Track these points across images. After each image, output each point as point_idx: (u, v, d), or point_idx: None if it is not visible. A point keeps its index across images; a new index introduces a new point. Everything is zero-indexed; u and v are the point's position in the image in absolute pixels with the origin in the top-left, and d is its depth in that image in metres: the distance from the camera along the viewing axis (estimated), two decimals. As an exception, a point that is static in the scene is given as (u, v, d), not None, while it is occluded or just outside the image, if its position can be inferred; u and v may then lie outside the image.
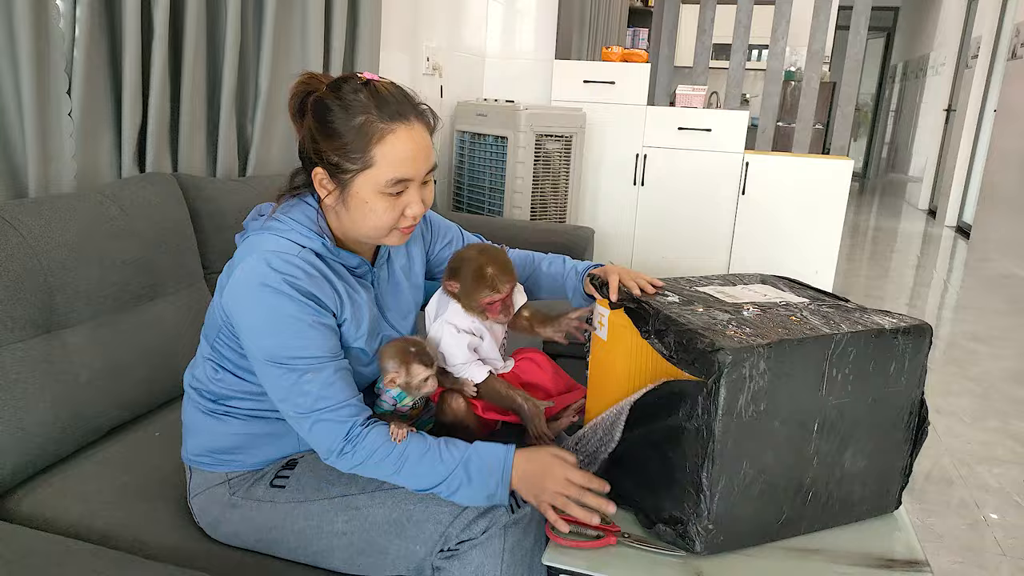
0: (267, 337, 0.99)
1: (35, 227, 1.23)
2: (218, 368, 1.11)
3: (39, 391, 1.19)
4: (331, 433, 0.99)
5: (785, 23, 3.75)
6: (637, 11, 6.10)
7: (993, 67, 6.52)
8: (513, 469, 1.01)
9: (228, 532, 1.11)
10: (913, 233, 6.74)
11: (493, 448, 1.03)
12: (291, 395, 0.99)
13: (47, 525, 1.10)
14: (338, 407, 1.00)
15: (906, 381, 1.05)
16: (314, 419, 0.99)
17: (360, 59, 2.33)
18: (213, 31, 1.80)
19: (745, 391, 0.93)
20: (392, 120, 1.00)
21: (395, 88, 1.03)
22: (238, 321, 1.01)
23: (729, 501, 0.97)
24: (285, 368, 0.98)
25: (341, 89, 1.01)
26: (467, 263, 1.17)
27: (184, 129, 1.73)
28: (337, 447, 0.99)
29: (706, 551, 0.98)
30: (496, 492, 1.01)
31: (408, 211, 1.04)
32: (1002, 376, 3.16)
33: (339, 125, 1.00)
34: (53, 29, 1.38)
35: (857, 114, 10.56)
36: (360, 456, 0.99)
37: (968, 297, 4.56)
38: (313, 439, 1.01)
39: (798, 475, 1.01)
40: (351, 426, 0.99)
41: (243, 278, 0.99)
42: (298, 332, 0.98)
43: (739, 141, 3.50)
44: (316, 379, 0.99)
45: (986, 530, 2.00)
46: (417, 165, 1.03)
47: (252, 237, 1.05)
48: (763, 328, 0.99)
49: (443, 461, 1.01)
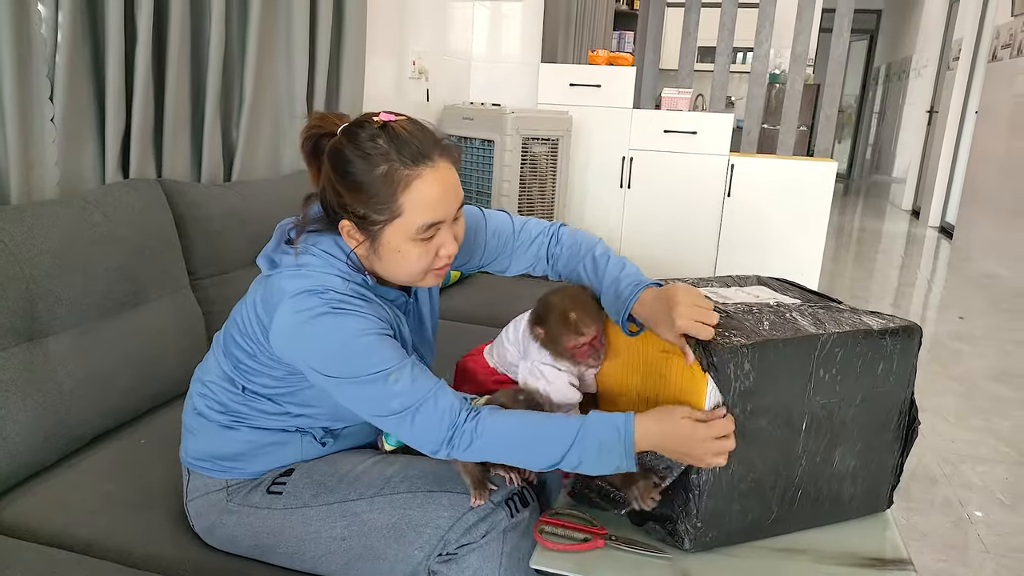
0: (341, 362, 0.95)
1: (17, 234, 1.22)
2: (241, 388, 1.09)
3: (21, 400, 1.18)
4: (436, 422, 0.95)
5: (769, 26, 3.77)
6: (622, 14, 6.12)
7: (974, 69, 6.59)
8: (639, 438, 0.95)
9: (224, 537, 1.11)
10: (897, 234, 6.80)
11: (609, 419, 0.97)
12: (383, 402, 0.95)
13: (30, 535, 1.09)
14: (433, 396, 0.96)
15: (895, 381, 1.06)
16: (413, 414, 0.95)
17: (346, 63, 2.33)
18: (197, 36, 1.79)
19: (731, 391, 0.94)
20: (416, 164, 0.96)
21: (414, 126, 0.99)
22: (303, 358, 0.97)
23: (717, 499, 0.98)
24: (368, 382, 0.95)
25: (358, 136, 0.97)
26: (551, 309, 1.14)
27: (168, 134, 1.72)
28: (446, 435, 0.95)
29: (695, 549, 0.99)
30: (622, 464, 0.96)
31: (442, 251, 1.01)
32: (985, 375, 3.20)
33: (361, 177, 0.95)
34: (35, 34, 1.37)
35: (841, 116, 10.65)
36: (467, 440, 0.95)
37: (951, 297, 4.60)
38: (418, 435, 0.96)
39: (786, 474, 1.02)
40: (453, 413, 0.96)
41: (296, 316, 0.95)
42: (368, 346, 0.95)
43: (724, 143, 3.52)
44: (401, 379, 0.95)
45: (970, 528, 2.02)
46: (447, 206, 0.99)
47: (290, 275, 0.99)
48: (750, 329, 0.99)
49: (559, 438, 0.95)
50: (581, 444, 0.95)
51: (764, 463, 0.99)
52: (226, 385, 1.10)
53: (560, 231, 1.25)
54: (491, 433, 0.96)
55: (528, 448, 0.98)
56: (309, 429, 1.13)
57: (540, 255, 1.25)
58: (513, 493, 1.06)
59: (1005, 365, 3.33)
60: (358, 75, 2.39)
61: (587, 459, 0.95)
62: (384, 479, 1.08)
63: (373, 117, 0.99)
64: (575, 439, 0.95)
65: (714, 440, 0.94)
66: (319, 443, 1.14)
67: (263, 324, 1.01)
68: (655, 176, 3.62)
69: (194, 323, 1.59)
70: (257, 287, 1.07)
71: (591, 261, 1.18)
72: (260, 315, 1.02)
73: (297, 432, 1.12)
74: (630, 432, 0.95)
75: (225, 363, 1.11)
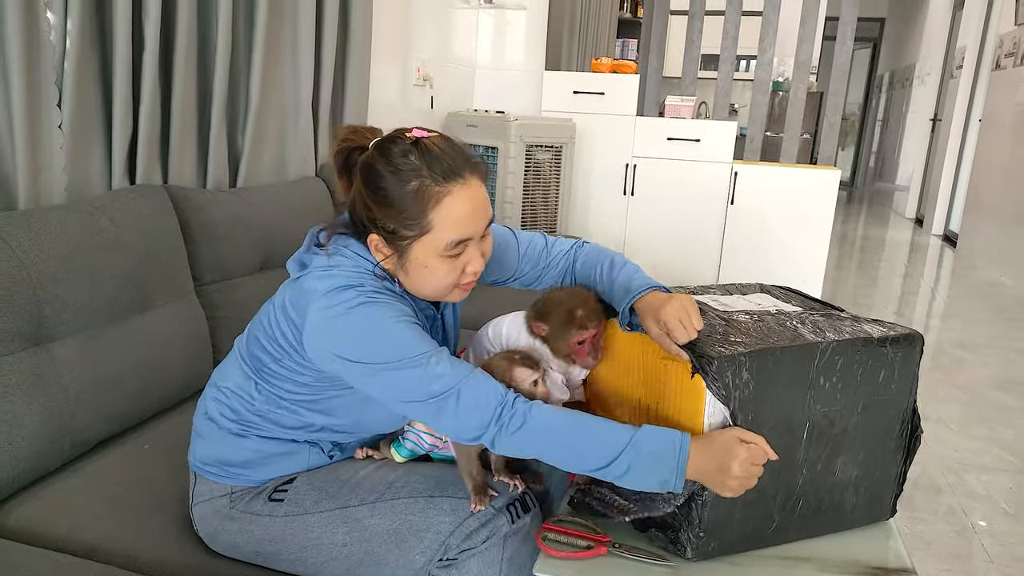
0: (378, 349, 0.94)
1: (25, 239, 1.22)
2: (263, 393, 1.09)
3: (28, 404, 1.18)
4: (483, 401, 0.93)
5: (772, 34, 3.78)
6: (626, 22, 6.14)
7: (978, 77, 6.60)
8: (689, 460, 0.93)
9: (227, 543, 1.11)
10: (900, 242, 6.79)
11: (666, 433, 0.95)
12: (423, 384, 0.93)
13: (36, 539, 1.09)
14: (478, 377, 0.95)
15: (897, 389, 1.06)
16: (457, 394, 0.93)
17: (351, 70, 2.34)
18: (204, 43, 1.80)
19: (731, 400, 0.94)
20: (447, 181, 0.96)
21: (445, 143, 0.99)
22: (337, 352, 0.96)
23: (720, 509, 0.98)
24: (408, 367, 0.93)
25: (390, 152, 0.97)
26: (556, 305, 1.15)
27: (175, 141, 1.73)
28: (494, 412, 0.93)
29: (697, 557, 0.99)
30: (670, 480, 0.93)
31: (469, 268, 1.02)
32: (988, 383, 3.19)
33: (392, 192, 0.96)
34: (44, 42, 1.38)
35: (844, 124, 10.65)
36: (517, 421, 0.92)
37: (955, 305, 4.60)
38: (462, 417, 0.93)
39: (788, 482, 1.02)
40: (501, 389, 0.94)
41: (328, 312, 0.95)
42: (406, 331, 0.95)
43: (728, 151, 3.52)
44: (442, 360, 0.94)
45: (974, 537, 2.01)
46: (476, 223, 1.00)
47: (319, 275, 1.00)
48: (749, 337, 1.00)
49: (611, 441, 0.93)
50: (635, 449, 0.92)
51: (766, 472, 0.99)
52: (243, 393, 1.10)
53: (584, 244, 1.28)
54: (543, 420, 0.94)
55: (577, 445, 0.95)
56: (319, 442, 1.13)
57: (565, 267, 1.26)
58: (514, 499, 1.07)
59: (1009, 374, 3.33)
60: (363, 82, 2.40)
61: (637, 467, 0.92)
62: (386, 484, 1.08)
63: (406, 133, 1.00)
64: (628, 443, 0.93)
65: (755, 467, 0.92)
66: (326, 456, 1.14)
67: (295, 325, 1.01)
68: (658, 183, 3.63)
69: (199, 328, 1.59)
70: (285, 290, 1.07)
71: (610, 264, 1.20)
72: (292, 317, 1.02)
73: (306, 443, 1.13)
74: (686, 447, 0.93)
75: (247, 368, 1.10)
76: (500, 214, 3.09)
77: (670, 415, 1.03)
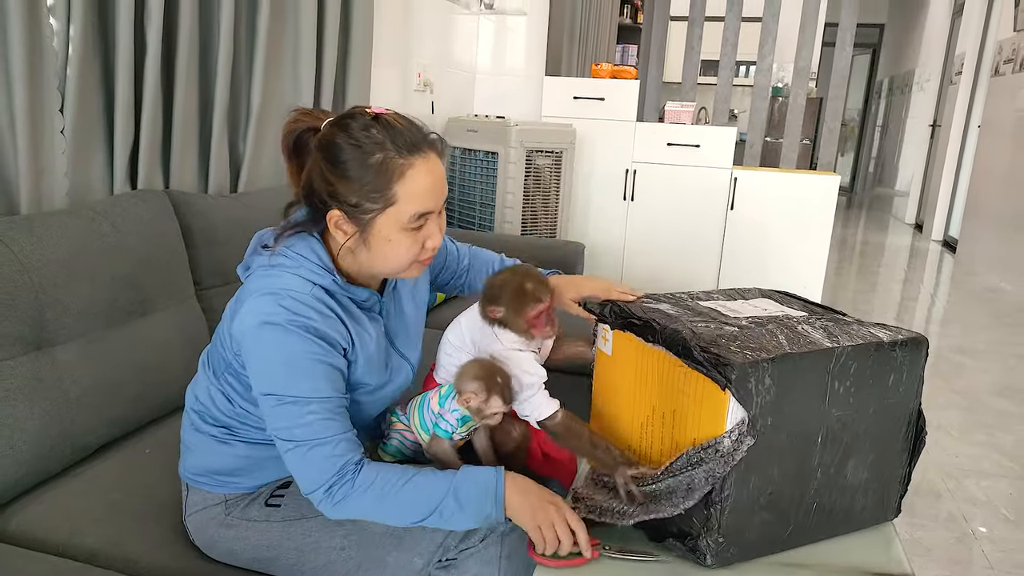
0: (274, 374, 0.97)
1: (26, 244, 1.23)
2: (226, 398, 1.10)
3: (29, 408, 1.18)
4: (324, 465, 0.97)
5: (772, 40, 3.79)
6: (626, 28, 6.16)
7: (977, 83, 6.61)
8: (506, 497, 0.99)
9: (224, 551, 1.11)
10: (900, 247, 6.80)
11: (481, 472, 1.01)
12: (292, 425, 0.97)
13: (36, 544, 1.09)
14: (335, 440, 0.98)
15: (904, 392, 1.07)
16: (308, 448, 0.97)
17: (351, 76, 2.35)
18: (206, 49, 1.81)
19: (753, 406, 0.94)
20: (410, 154, 0.98)
21: (404, 120, 1.01)
22: (247, 356, 0.99)
23: (739, 514, 0.98)
24: (290, 403, 0.97)
25: (350, 127, 0.98)
26: (505, 286, 1.16)
27: (176, 146, 1.73)
28: (327, 481, 0.96)
29: (716, 564, 0.99)
30: (491, 514, 0.99)
31: (428, 243, 1.04)
32: (988, 389, 3.19)
33: (355, 165, 0.97)
34: (46, 47, 1.38)
35: (844, 129, 10.67)
36: (345, 490, 0.97)
37: (954, 311, 4.60)
38: (304, 470, 0.98)
39: (802, 487, 1.02)
40: (345, 462, 0.97)
41: (252, 316, 0.97)
42: (306, 370, 0.97)
43: (727, 157, 3.53)
44: (319, 411, 0.97)
45: (974, 543, 2.01)
46: (437, 195, 1.02)
47: (259, 274, 1.02)
48: (767, 343, 1.00)
49: (429, 491, 0.99)
50: (455, 496, 0.98)
51: (783, 477, 1.00)
52: (216, 398, 1.11)
53: (472, 247, 1.40)
54: (367, 480, 0.97)
55: (403, 495, 0.98)
56: None
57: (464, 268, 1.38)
58: None
59: (1008, 380, 3.33)
60: (364, 87, 2.41)
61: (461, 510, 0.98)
62: None
63: (365, 109, 1.01)
64: (453, 487, 0.98)
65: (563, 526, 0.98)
66: None
67: (231, 325, 1.03)
68: (658, 189, 3.63)
69: (199, 333, 1.60)
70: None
71: (499, 262, 1.38)
72: (229, 315, 1.04)
73: None
74: (501, 481, 1.00)
75: (211, 375, 1.12)
76: (500, 219, 3.09)
77: (688, 423, 1.03)
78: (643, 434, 1.11)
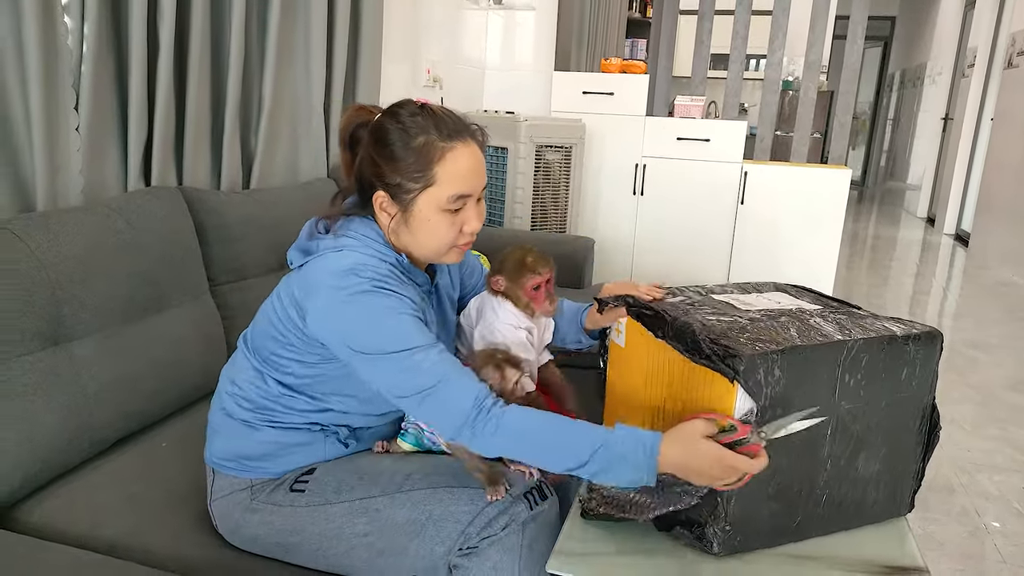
0: (372, 336, 0.99)
1: (43, 241, 1.24)
2: (272, 380, 1.12)
3: (47, 403, 1.20)
4: (461, 399, 0.97)
5: (782, 33, 3.78)
6: (635, 22, 6.14)
7: (989, 76, 6.56)
8: (661, 457, 0.95)
9: (248, 537, 1.12)
10: (912, 241, 6.76)
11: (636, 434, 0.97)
12: (409, 378, 0.98)
13: (56, 536, 1.11)
14: (460, 376, 0.99)
15: (917, 386, 1.07)
16: (440, 390, 0.97)
17: (362, 72, 2.36)
18: (217, 46, 1.82)
19: (762, 397, 0.95)
20: (451, 139, 1.05)
21: (448, 110, 1.08)
22: (340, 336, 1.01)
23: (746, 504, 0.99)
24: (398, 358, 0.98)
25: (399, 114, 1.06)
26: (507, 257, 1.24)
27: (189, 143, 1.74)
28: (471, 413, 0.96)
29: (723, 552, 1.00)
30: (643, 478, 0.95)
31: (466, 227, 1.09)
32: (1001, 384, 3.17)
33: (400, 147, 1.04)
34: (61, 46, 1.40)
35: (855, 123, 10.60)
36: (492, 427, 0.95)
37: (967, 305, 4.57)
38: (442, 413, 0.98)
39: (812, 478, 1.03)
40: (479, 392, 0.97)
41: (335, 295, 1.00)
42: (401, 323, 1.00)
43: (738, 151, 3.52)
44: (428, 356, 0.98)
45: (987, 538, 2.00)
46: (475, 180, 1.08)
47: (329, 255, 1.05)
48: (777, 335, 1.00)
49: (582, 444, 0.96)
50: (607, 452, 0.95)
51: (791, 468, 1.00)
52: (257, 382, 1.13)
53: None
54: (517, 424, 0.97)
55: (552, 446, 0.98)
56: (335, 429, 1.15)
57: None
58: (532, 487, 1.09)
59: (1022, 374, 3.31)
60: (374, 84, 2.41)
61: (610, 468, 0.95)
62: (404, 475, 1.10)
63: (413, 100, 1.08)
64: (600, 446, 0.95)
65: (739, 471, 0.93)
66: (342, 444, 1.16)
67: (300, 307, 1.05)
68: (668, 183, 3.63)
69: (213, 328, 1.61)
70: (289, 279, 1.11)
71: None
72: (298, 299, 1.06)
73: (321, 432, 1.14)
74: (655, 452, 0.95)
75: (254, 358, 1.14)
76: (510, 214, 3.10)
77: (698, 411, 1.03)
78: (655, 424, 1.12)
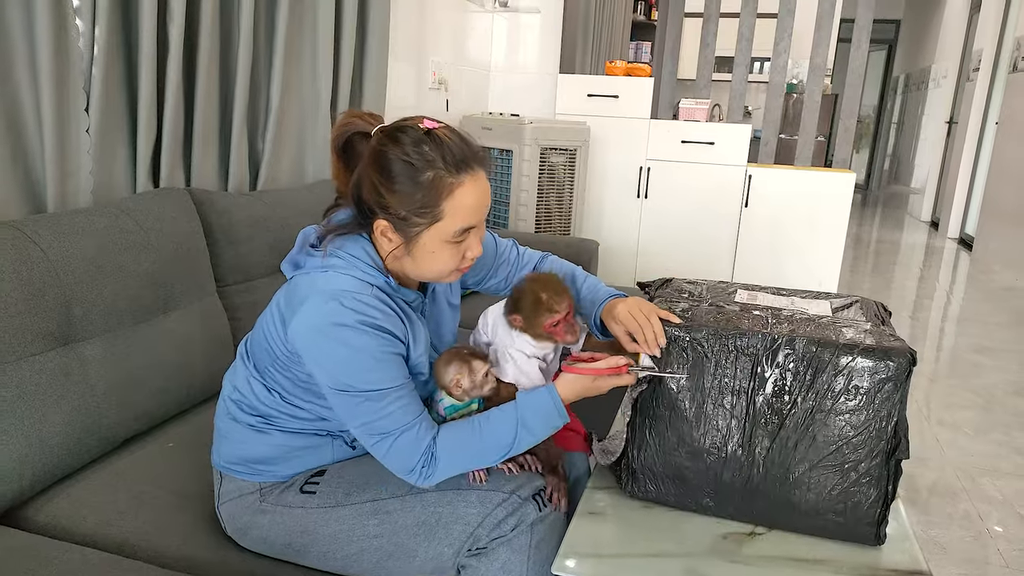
0: (349, 373, 0.99)
1: (54, 241, 1.25)
2: (268, 390, 1.12)
3: (56, 402, 1.21)
4: (412, 448, 1.02)
5: (787, 36, 3.78)
6: (640, 25, 6.15)
7: (994, 80, 6.55)
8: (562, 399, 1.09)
9: (257, 538, 1.13)
10: (916, 245, 6.75)
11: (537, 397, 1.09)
12: (374, 419, 1.01)
13: (64, 535, 1.12)
14: (417, 424, 1.03)
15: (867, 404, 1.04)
16: (395, 437, 1.01)
17: (368, 75, 2.37)
18: (226, 48, 1.84)
19: (670, 364, 1.11)
20: (459, 172, 1.00)
21: (455, 135, 1.03)
22: (313, 359, 1.01)
23: (649, 454, 1.14)
24: (367, 398, 1.00)
25: (402, 141, 1.00)
26: (523, 295, 1.21)
27: (197, 144, 1.76)
28: (420, 462, 1.02)
29: (627, 493, 1.16)
30: (558, 424, 1.10)
31: (468, 253, 1.08)
32: (1005, 388, 3.17)
33: (407, 181, 0.99)
34: (72, 48, 1.41)
35: (859, 126, 10.59)
36: (432, 463, 1.03)
37: (971, 309, 4.57)
38: (393, 457, 1.03)
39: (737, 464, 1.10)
40: (428, 441, 1.03)
41: (319, 319, 0.99)
42: (378, 365, 1.00)
43: (742, 154, 3.52)
44: (399, 399, 1.01)
45: (990, 542, 2.01)
46: (481, 212, 1.06)
47: (315, 275, 1.04)
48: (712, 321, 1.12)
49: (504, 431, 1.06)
50: (524, 427, 1.06)
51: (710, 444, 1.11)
52: (257, 390, 1.13)
53: (548, 256, 1.39)
54: (446, 447, 1.04)
55: (481, 450, 1.06)
56: (340, 433, 1.16)
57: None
58: (540, 489, 1.11)
59: (1026, 378, 3.31)
60: (380, 86, 2.42)
61: (532, 433, 1.07)
62: None
63: (417, 123, 1.02)
64: (518, 425, 1.06)
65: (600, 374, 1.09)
66: (349, 446, 1.17)
67: (284, 319, 1.04)
68: (672, 186, 3.63)
69: (221, 329, 1.62)
70: (280, 291, 1.10)
71: (572, 277, 1.34)
72: (283, 312, 1.05)
73: (328, 436, 1.15)
74: (558, 396, 1.09)
75: (252, 368, 1.14)
76: (514, 217, 3.11)
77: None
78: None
